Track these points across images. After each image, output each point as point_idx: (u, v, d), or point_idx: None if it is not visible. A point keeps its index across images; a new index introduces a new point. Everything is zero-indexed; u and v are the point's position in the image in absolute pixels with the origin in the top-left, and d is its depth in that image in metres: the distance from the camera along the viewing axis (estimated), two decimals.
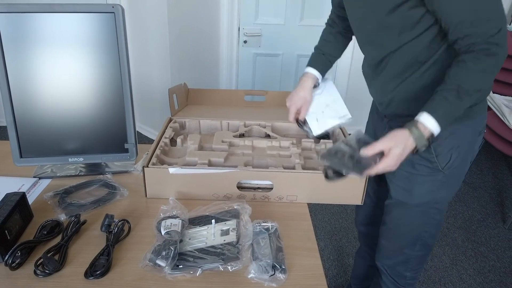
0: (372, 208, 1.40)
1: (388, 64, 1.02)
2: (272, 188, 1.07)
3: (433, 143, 0.92)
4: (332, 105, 1.19)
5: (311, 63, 1.25)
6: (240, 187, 1.08)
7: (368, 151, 0.88)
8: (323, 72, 1.24)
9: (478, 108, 1.01)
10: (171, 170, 1.05)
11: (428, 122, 0.87)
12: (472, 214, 2.45)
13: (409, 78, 0.99)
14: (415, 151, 0.89)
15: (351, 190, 1.08)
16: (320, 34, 1.33)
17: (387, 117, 1.14)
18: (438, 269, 1.98)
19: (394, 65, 1.01)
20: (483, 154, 3.19)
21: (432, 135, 0.88)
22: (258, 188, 1.09)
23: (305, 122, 1.20)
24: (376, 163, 0.88)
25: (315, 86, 1.23)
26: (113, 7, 1.04)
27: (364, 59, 1.16)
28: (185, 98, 1.56)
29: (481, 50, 0.84)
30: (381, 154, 0.89)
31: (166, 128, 1.30)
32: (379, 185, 1.32)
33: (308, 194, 1.08)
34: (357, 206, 1.41)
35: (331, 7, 1.26)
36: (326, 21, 1.31)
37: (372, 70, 1.09)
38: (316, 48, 1.29)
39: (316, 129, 1.17)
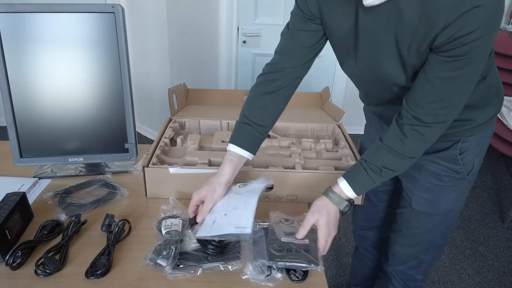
0: (371, 212, 1.38)
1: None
2: (272, 188, 1.07)
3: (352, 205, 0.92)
4: (240, 210, 0.88)
5: (234, 139, 0.98)
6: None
7: (301, 233, 0.88)
8: (251, 147, 0.98)
9: (495, 115, 1.02)
10: (171, 170, 1.05)
11: (345, 189, 0.90)
12: (471, 213, 2.46)
13: None
14: (341, 213, 0.91)
15: None
16: None
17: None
18: (437, 269, 1.99)
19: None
20: None
21: (348, 197, 0.91)
22: None
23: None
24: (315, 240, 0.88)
25: (244, 184, 0.99)
26: (113, 7, 1.05)
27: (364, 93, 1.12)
28: (184, 98, 1.56)
29: (413, 131, 0.83)
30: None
31: (165, 128, 1.30)
32: (380, 189, 1.29)
33: (308, 193, 1.08)
34: (355, 209, 1.43)
35: (274, 50, 1.01)
36: (260, 75, 1.01)
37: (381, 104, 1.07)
38: (241, 115, 0.99)
39: (203, 232, 0.86)
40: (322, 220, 0.88)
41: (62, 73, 1.08)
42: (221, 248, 0.86)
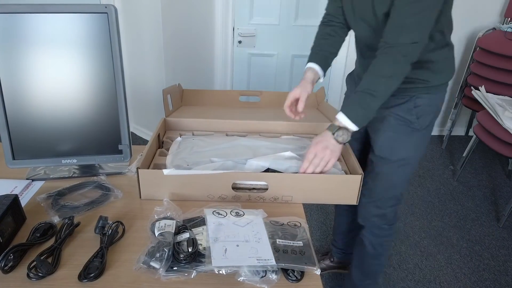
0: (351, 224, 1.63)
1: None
2: (267, 189, 1.07)
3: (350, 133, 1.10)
4: (254, 244, 0.89)
5: (310, 59, 1.32)
6: (235, 187, 1.07)
7: (304, 165, 1.08)
8: (323, 65, 1.31)
9: (447, 83, 1.25)
10: (166, 171, 1.04)
11: (339, 117, 1.10)
12: (467, 213, 2.46)
13: None
14: (336, 136, 1.09)
15: (346, 190, 1.08)
16: (313, 34, 1.36)
17: None
18: (433, 268, 1.99)
19: None
20: (477, 153, 3.21)
21: (344, 126, 1.09)
22: (253, 188, 1.09)
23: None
24: None
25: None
26: (106, 7, 1.04)
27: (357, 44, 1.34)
28: (179, 99, 1.55)
29: (385, 52, 1.04)
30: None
31: (159, 128, 1.29)
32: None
33: (303, 194, 1.08)
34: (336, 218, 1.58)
35: (325, 8, 1.35)
36: (320, 22, 1.38)
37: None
38: (312, 48, 1.35)
39: (218, 261, 0.83)
40: (315, 139, 1.11)
41: (55, 74, 1.07)
42: (193, 256, 0.84)
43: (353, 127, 1.09)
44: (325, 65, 1.32)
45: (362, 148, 1.47)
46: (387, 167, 1.32)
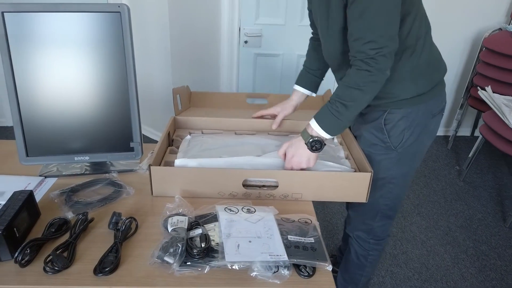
0: None
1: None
2: (277, 186, 1.08)
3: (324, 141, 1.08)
4: (265, 240, 0.90)
5: (297, 80, 1.42)
6: (245, 185, 1.09)
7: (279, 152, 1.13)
8: (309, 87, 1.40)
9: (430, 93, 1.13)
10: (177, 161, 1.05)
11: (313, 124, 1.07)
12: (473, 213, 2.46)
13: None
14: (309, 147, 1.07)
15: (355, 188, 1.09)
16: None
17: None
18: (440, 268, 1.99)
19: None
20: (483, 153, 3.20)
21: (317, 134, 1.06)
22: (263, 186, 1.10)
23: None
24: None
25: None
26: (118, 6, 1.05)
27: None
28: (188, 100, 1.56)
29: (355, 64, 1.00)
30: None
31: (169, 127, 1.30)
32: None
33: (313, 192, 1.09)
34: None
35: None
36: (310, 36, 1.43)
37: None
38: (303, 64, 1.43)
39: (231, 256, 0.84)
40: (290, 149, 1.11)
41: (68, 72, 1.09)
42: (207, 251, 0.86)
43: (325, 135, 1.06)
44: (314, 85, 1.41)
45: None
46: None
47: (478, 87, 2.75)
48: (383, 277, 1.91)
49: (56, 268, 0.81)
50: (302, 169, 1.10)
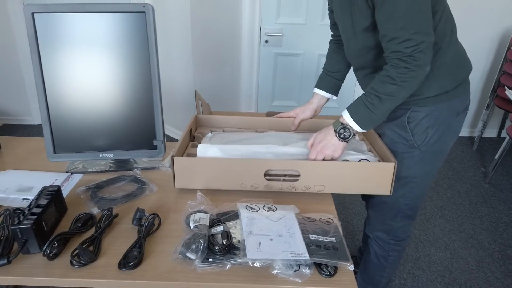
0: None
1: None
2: (299, 176, 1.07)
3: (354, 134, 1.08)
4: (286, 238, 0.90)
5: (317, 84, 1.42)
6: (267, 175, 1.08)
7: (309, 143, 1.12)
8: (329, 89, 1.40)
9: (454, 91, 1.12)
10: (200, 146, 1.08)
11: (345, 115, 1.07)
12: (499, 216, 2.39)
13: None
14: (337, 134, 1.07)
15: (379, 179, 1.07)
16: None
17: None
18: (464, 271, 1.94)
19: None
20: (510, 155, 3.11)
21: (348, 124, 1.06)
22: (285, 176, 1.09)
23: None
24: None
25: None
26: (143, 6, 1.07)
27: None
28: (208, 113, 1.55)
29: (391, 63, 0.98)
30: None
31: (191, 124, 1.32)
32: None
33: (335, 183, 1.08)
34: None
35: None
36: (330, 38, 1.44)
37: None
38: (323, 67, 1.43)
39: (253, 254, 0.85)
40: (319, 136, 1.11)
41: (93, 71, 1.12)
42: (228, 248, 0.86)
43: (356, 128, 1.05)
44: (334, 87, 1.40)
45: None
46: None
47: (506, 87, 2.67)
48: (404, 280, 1.88)
49: (82, 262, 0.83)
50: (325, 160, 1.09)
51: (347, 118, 1.06)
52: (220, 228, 0.90)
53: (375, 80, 1.02)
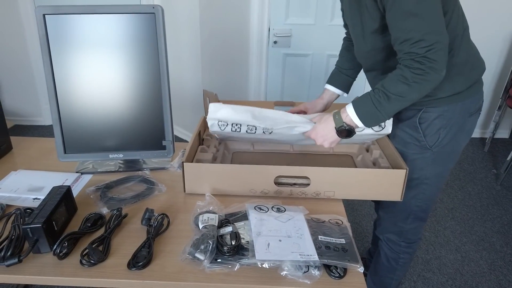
0: None
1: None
2: (309, 184, 1.07)
3: (354, 131, 1.04)
4: (296, 239, 0.90)
5: (329, 80, 1.43)
6: (277, 183, 1.08)
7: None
8: (341, 86, 1.40)
9: (467, 91, 1.10)
10: (212, 105, 1.08)
11: (349, 110, 1.02)
12: (511, 218, 2.35)
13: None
14: (337, 132, 1.05)
15: (389, 186, 1.07)
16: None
17: None
18: (475, 274, 1.92)
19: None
20: None
21: (350, 121, 1.02)
22: (295, 184, 1.09)
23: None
24: None
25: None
26: (153, 7, 1.07)
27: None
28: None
29: (405, 63, 0.94)
30: None
31: (200, 126, 1.32)
32: None
33: (345, 190, 1.08)
34: None
35: None
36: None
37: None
38: (336, 64, 1.44)
39: (262, 255, 0.84)
40: (319, 125, 1.09)
41: (103, 72, 1.12)
42: (237, 249, 0.86)
43: (358, 123, 1.01)
44: (346, 84, 1.41)
45: None
46: None
47: None
48: (415, 282, 1.86)
49: (92, 261, 0.84)
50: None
51: (351, 113, 1.01)
52: (228, 229, 0.90)
53: (387, 78, 0.99)
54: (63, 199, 0.94)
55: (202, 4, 2.64)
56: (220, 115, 1.09)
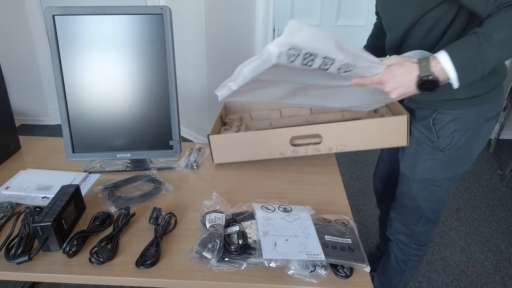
0: (387, 174, 1.54)
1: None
2: (321, 142, 1.15)
3: (439, 85, 0.88)
4: (302, 239, 0.89)
5: None
6: (293, 144, 1.18)
7: (384, 60, 0.91)
8: None
9: (486, 96, 1.06)
10: (293, 23, 0.78)
11: (440, 55, 0.85)
12: None
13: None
14: (419, 82, 0.87)
15: (394, 133, 1.14)
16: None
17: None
18: (480, 275, 1.91)
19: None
20: None
21: (441, 70, 0.85)
22: (309, 144, 1.18)
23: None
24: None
25: None
26: (161, 8, 1.08)
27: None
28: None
29: (508, 5, 0.81)
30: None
31: (221, 111, 1.43)
32: (395, 155, 1.41)
33: (355, 142, 1.16)
34: (376, 166, 1.61)
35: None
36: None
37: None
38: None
39: (268, 254, 0.84)
40: (396, 69, 0.89)
41: (112, 73, 1.14)
42: (244, 248, 0.87)
43: (451, 73, 0.84)
44: None
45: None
46: (410, 186, 1.24)
47: None
48: (419, 283, 1.86)
49: (101, 260, 0.85)
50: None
51: (443, 60, 0.84)
52: (235, 228, 0.91)
53: (487, 23, 0.84)
54: (72, 198, 0.95)
55: (208, 5, 2.65)
56: (298, 39, 0.78)
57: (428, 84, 0.87)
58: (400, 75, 0.88)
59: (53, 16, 1.07)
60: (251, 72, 0.87)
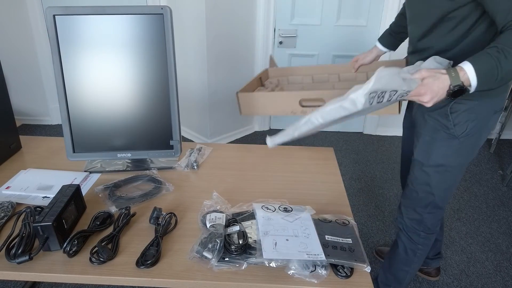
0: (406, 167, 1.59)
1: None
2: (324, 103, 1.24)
3: (464, 93, 0.99)
4: (303, 239, 0.90)
5: (380, 37, 1.61)
6: (302, 106, 1.35)
7: (414, 75, 1.02)
8: (389, 46, 1.59)
9: (498, 89, 1.14)
10: (382, 71, 0.97)
11: (466, 66, 0.96)
12: None
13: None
14: (450, 92, 0.98)
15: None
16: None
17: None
18: (481, 275, 1.91)
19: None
20: None
21: (466, 80, 0.96)
22: (315, 106, 1.32)
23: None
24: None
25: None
26: (162, 8, 1.08)
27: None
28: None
29: None
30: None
31: (261, 73, 1.69)
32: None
33: None
34: (401, 165, 1.65)
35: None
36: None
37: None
38: (390, 24, 1.59)
39: (269, 254, 0.85)
40: (429, 80, 1.00)
41: (112, 73, 1.14)
42: (244, 248, 0.87)
43: (474, 81, 0.96)
44: (394, 45, 1.59)
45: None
46: (423, 171, 1.30)
47: None
48: (420, 283, 1.86)
49: (101, 259, 0.85)
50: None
51: (469, 70, 0.96)
52: (236, 228, 0.91)
53: (501, 36, 0.96)
54: (72, 197, 0.95)
55: (208, 5, 2.66)
56: (380, 85, 0.95)
57: (458, 91, 0.99)
58: (436, 86, 0.99)
59: (54, 16, 1.08)
60: (323, 118, 0.99)
